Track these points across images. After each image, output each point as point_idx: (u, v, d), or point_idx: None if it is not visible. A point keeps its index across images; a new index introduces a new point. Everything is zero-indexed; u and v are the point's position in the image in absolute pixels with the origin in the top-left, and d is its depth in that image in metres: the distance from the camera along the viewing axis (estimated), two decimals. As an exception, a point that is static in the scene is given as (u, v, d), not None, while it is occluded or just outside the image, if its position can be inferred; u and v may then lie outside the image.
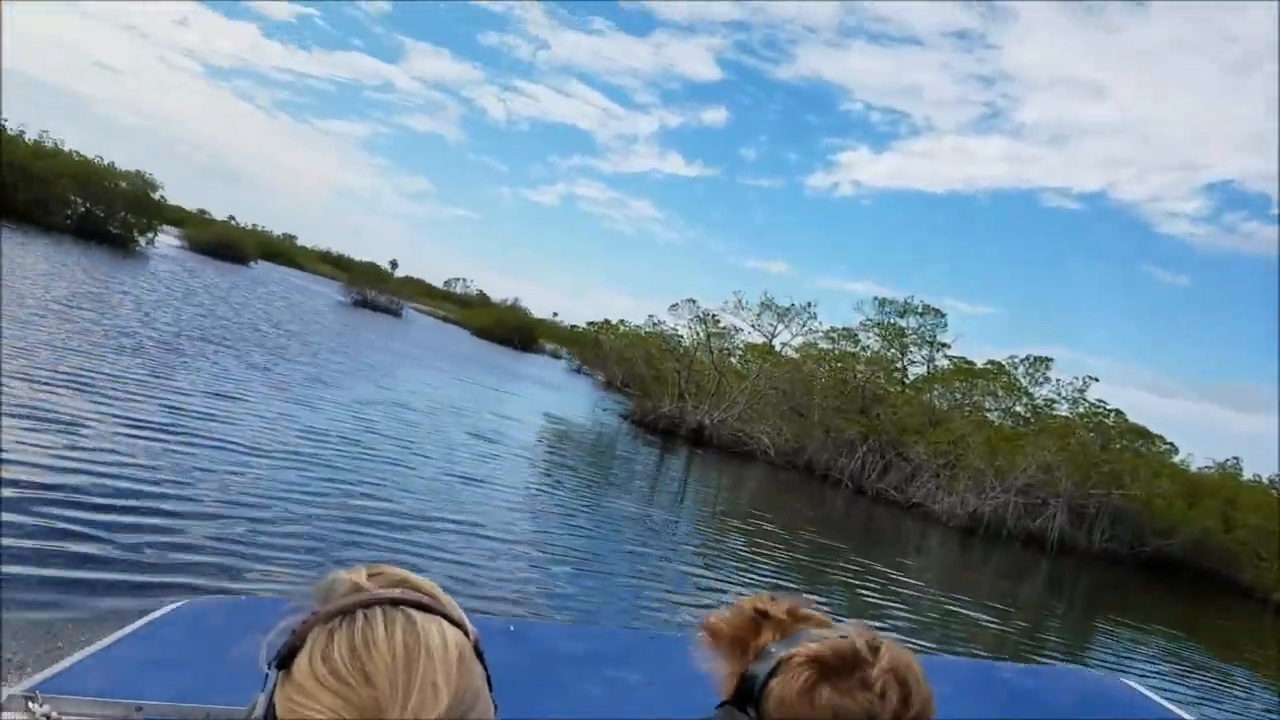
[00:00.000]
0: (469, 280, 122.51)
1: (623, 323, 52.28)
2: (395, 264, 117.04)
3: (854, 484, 32.66)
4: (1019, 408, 37.82)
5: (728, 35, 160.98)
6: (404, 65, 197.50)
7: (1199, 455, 43.22)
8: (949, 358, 39.62)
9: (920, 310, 39.66)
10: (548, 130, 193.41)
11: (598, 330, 55.36)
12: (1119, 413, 35.50)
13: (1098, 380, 36.42)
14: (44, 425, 9.03)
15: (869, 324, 40.16)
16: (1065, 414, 36.07)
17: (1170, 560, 34.11)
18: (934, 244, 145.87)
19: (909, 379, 40.51)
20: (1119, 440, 35.25)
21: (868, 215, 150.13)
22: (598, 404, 40.73)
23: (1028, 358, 37.56)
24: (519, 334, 72.13)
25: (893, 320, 39.95)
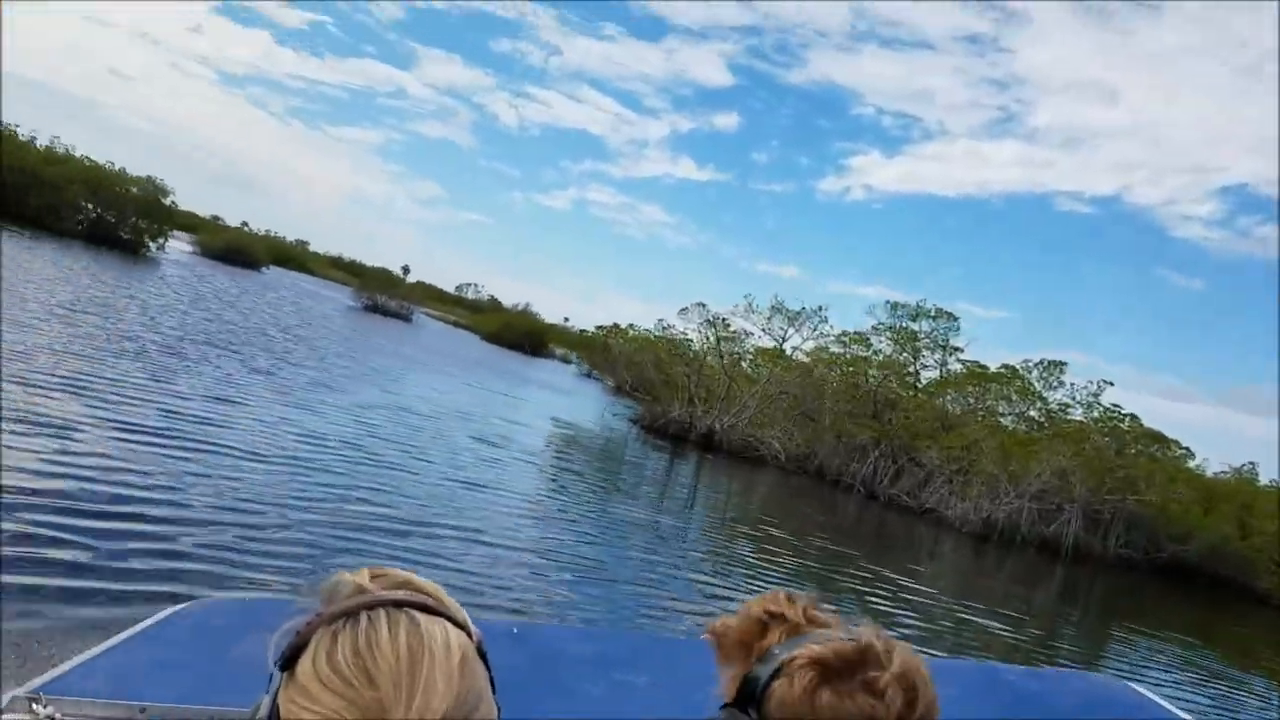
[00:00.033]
0: (480, 285, 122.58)
1: (632, 327, 51.93)
2: (407, 269, 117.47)
3: (866, 489, 32.38)
4: (1033, 412, 37.46)
5: (739, 40, 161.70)
6: (416, 72, 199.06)
7: (1215, 460, 42.76)
8: (962, 362, 39.30)
9: (933, 314, 39.31)
10: (559, 135, 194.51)
11: (607, 334, 55.05)
12: (1134, 417, 35.23)
13: (1112, 384, 36.21)
14: (38, 429, 8.91)
15: (881, 328, 39.86)
16: (1080, 419, 35.70)
17: (1186, 566, 33.70)
18: (947, 248, 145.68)
19: (921, 383, 40.14)
20: (1134, 445, 34.90)
21: (880, 219, 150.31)
22: (607, 409, 40.55)
23: (1041, 362, 37.28)
24: (529, 339, 72.06)
25: (905, 324, 39.58)
